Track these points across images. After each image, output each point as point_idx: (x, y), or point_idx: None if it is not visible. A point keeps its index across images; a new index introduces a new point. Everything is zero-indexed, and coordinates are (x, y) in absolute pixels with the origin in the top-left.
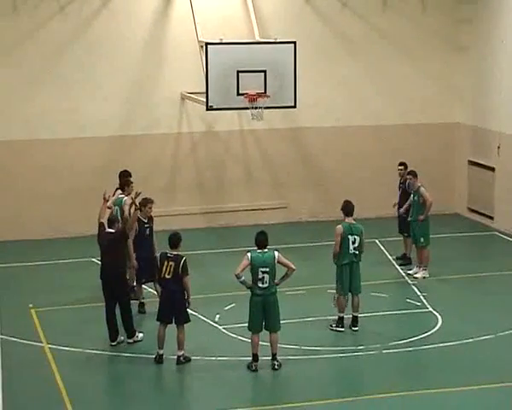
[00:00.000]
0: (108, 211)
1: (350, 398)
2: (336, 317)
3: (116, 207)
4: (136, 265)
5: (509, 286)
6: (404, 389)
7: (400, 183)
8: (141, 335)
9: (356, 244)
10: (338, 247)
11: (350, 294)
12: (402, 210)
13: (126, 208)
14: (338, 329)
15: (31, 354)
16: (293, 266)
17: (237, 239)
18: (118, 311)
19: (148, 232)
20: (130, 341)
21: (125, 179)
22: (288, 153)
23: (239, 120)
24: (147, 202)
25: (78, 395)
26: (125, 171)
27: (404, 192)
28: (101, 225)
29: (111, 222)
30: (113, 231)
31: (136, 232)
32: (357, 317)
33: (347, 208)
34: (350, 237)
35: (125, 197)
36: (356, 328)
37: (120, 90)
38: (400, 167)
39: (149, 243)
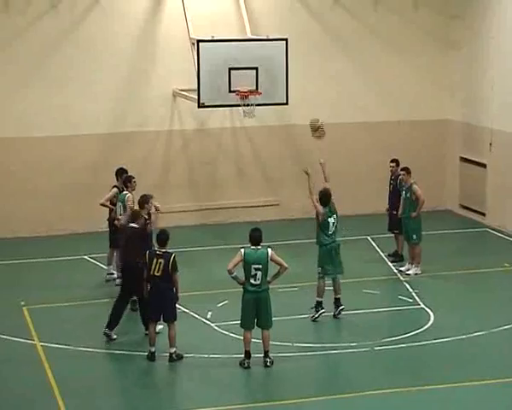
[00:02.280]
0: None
1: (342, 395)
2: (315, 310)
3: (120, 204)
4: None
5: (500, 282)
6: (397, 385)
7: (391, 179)
8: (160, 327)
9: (335, 222)
10: (317, 209)
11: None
12: (400, 212)
13: (129, 205)
14: (320, 312)
15: (23, 352)
16: (285, 265)
17: (230, 236)
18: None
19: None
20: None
21: (126, 177)
22: (279, 150)
23: (231, 117)
24: (148, 199)
25: (70, 393)
26: (122, 168)
27: (395, 189)
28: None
29: (134, 217)
30: (136, 225)
31: None
32: (339, 298)
33: (326, 198)
34: (330, 219)
35: (128, 194)
36: (342, 306)
37: (112, 87)
38: (392, 164)
39: (150, 239)
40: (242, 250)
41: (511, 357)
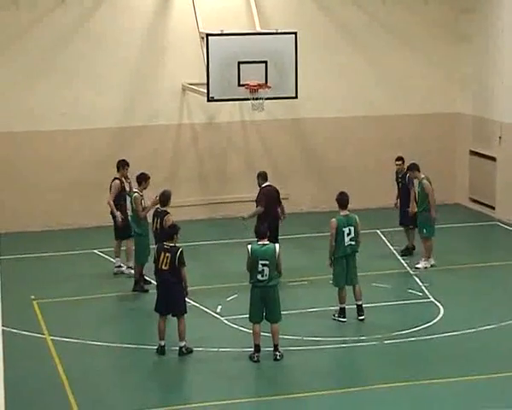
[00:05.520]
0: None
1: (352, 388)
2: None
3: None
4: None
5: (510, 276)
6: (406, 379)
7: (399, 177)
8: None
9: (351, 235)
10: (333, 240)
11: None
12: (411, 207)
13: (138, 208)
14: (340, 319)
15: (33, 346)
16: (281, 269)
17: (239, 230)
18: None
19: None
20: None
21: (143, 175)
22: (289, 143)
23: (240, 110)
24: (170, 195)
25: (80, 386)
26: (124, 160)
27: (404, 187)
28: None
29: (265, 177)
30: (272, 185)
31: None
32: (361, 305)
33: (342, 200)
34: (345, 229)
35: (136, 194)
36: (362, 317)
37: (121, 81)
38: (398, 162)
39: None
40: (249, 246)
41: None
